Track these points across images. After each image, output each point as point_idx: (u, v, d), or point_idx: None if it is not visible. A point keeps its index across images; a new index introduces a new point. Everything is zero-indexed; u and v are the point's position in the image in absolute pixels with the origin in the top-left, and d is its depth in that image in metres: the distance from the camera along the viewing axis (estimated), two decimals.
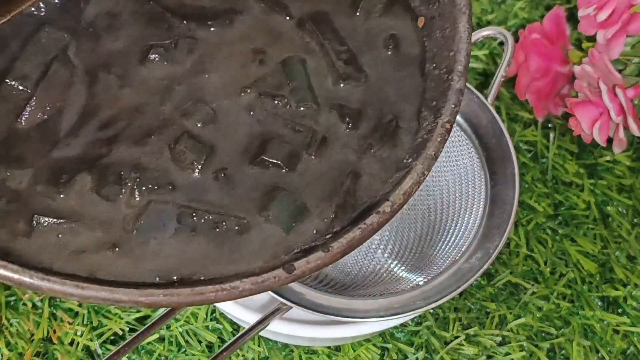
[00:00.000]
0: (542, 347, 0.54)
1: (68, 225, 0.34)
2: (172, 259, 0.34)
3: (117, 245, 0.34)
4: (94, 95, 0.37)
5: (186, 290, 0.32)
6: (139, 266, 0.34)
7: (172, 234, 0.34)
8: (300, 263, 0.33)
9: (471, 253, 0.45)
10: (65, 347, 0.53)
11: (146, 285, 0.33)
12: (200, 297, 0.32)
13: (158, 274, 0.33)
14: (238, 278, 0.33)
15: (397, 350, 0.53)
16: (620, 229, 0.59)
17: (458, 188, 0.49)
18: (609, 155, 0.61)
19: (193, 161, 0.36)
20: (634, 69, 0.54)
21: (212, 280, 0.33)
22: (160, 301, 0.32)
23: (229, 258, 0.34)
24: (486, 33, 0.51)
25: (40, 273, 0.31)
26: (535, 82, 0.58)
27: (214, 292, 0.32)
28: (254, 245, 0.34)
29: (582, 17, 0.55)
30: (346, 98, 0.38)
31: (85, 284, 0.31)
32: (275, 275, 0.33)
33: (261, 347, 0.53)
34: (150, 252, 0.34)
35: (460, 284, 0.44)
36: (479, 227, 0.46)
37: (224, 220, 0.35)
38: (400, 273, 0.50)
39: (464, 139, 0.48)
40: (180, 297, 0.32)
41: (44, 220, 0.34)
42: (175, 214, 0.35)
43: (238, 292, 0.32)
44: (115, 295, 0.31)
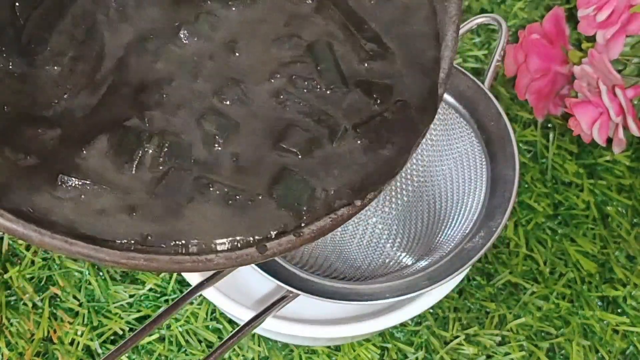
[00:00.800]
0: (542, 347, 0.54)
1: (91, 186, 0.35)
2: (182, 225, 0.35)
3: (135, 209, 0.35)
4: (126, 67, 0.38)
5: (165, 257, 0.34)
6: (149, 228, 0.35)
7: (187, 201, 0.36)
8: (273, 244, 0.35)
9: (474, 233, 0.45)
10: (65, 347, 0.53)
11: (129, 249, 0.34)
12: (178, 265, 0.34)
13: (157, 237, 0.35)
14: (215, 252, 0.35)
15: (396, 350, 0.53)
16: (619, 229, 0.59)
17: (460, 173, 0.49)
18: (609, 155, 0.61)
19: (215, 136, 0.37)
20: (634, 69, 0.54)
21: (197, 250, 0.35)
22: (141, 265, 0.34)
23: (227, 230, 0.36)
24: (480, 20, 0.51)
25: (33, 225, 0.32)
26: (535, 82, 0.58)
27: (190, 262, 0.34)
28: (255, 221, 0.36)
29: (582, 18, 0.55)
30: (374, 76, 0.39)
31: (74, 240, 0.33)
32: (247, 253, 0.35)
33: (261, 346, 0.53)
34: (164, 217, 0.35)
35: (464, 263, 0.44)
36: (481, 208, 0.46)
37: (238, 194, 0.36)
38: (408, 262, 0.50)
39: (464, 124, 0.49)
40: (160, 264, 0.34)
41: (68, 179, 0.35)
42: (193, 183, 0.36)
43: (213, 264, 0.35)
44: (100, 254, 0.33)
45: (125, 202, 0.35)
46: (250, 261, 0.35)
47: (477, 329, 0.54)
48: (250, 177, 0.37)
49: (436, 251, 0.48)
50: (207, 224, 0.36)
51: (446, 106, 0.49)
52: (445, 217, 0.50)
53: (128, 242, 0.34)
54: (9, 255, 0.56)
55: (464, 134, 0.49)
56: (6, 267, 0.55)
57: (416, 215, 0.52)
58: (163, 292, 0.55)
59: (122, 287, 0.55)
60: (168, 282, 0.55)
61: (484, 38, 0.65)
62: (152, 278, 0.55)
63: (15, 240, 0.56)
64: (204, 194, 0.36)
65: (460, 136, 0.49)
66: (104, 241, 0.34)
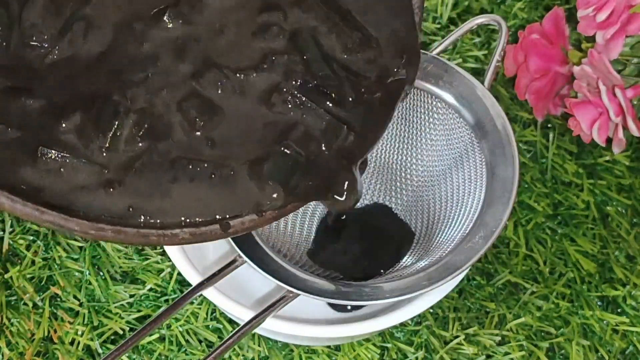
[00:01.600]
0: (542, 346, 0.54)
1: (70, 160, 0.35)
2: (160, 202, 0.36)
3: (112, 184, 0.36)
4: (113, 46, 0.39)
5: (132, 230, 0.35)
6: (121, 205, 0.36)
7: (163, 180, 0.36)
8: (236, 222, 0.37)
9: (474, 234, 0.45)
10: (65, 347, 0.53)
11: (98, 220, 0.35)
12: (144, 239, 0.35)
13: (135, 212, 0.36)
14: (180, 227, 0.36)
15: (396, 349, 0.53)
16: (619, 228, 0.59)
17: (460, 173, 0.49)
18: (608, 155, 0.61)
19: (196, 119, 0.37)
20: (633, 69, 0.54)
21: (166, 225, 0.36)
22: (108, 236, 0.35)
23: (201, 208, 0.37)
24: (480, 20, 0.51)
25: (6, 192, 0.33)
26: (535, 83, 0.58)
27: (155, 236, 0.35)
28: (231, 199, 0.37)
29: (582, 18, 0.55)
30: (359, 66, 0.40)
31: (45, 209, 0.33)
32: (211, 230, 0.36)
33: (261, 346, 0.53)
34: (141, 193, 0.36)
35: (464, 263, 0.44)
36: (481, 208, 0.46)
37: (214, 174, 0.37)
38: (407, 262, 0.50)
39: (463, 124, 0.49)
40: (126, 236, 0.35)
41: (48, 152, 0.35)
42: (170, 163, 0.36)
43: (178, 239, 0.36)
44: (69, 224, 0.34)
45: (102, 177, 0.36)
46: (213, 237, 0.37)
47: (477, 328, 0.54)
48: (230, 159, 0.37)
49: (436, 251, 0.48)
50: (181, 201, 0.36)
51: (446, 106, 0.49)
52: (445, 217, 0.50)
53: (100, 214, 0.35)
54: (10, 255, 0.56)
55: (464, 134, 0.49)
56: (6, 267, 0.55)
57: (416, 215, 0.52)
58: (163, 292, 0.55)
59: (123, 287, 0.55)
60: (168, 282, 0.55)
61: (483, 38, 0.65)
62: (153, 278, 0.55)
63: (15, 240, 0.56)
64: (180, 173, 0.36)
65: (460, 136, 0.50)
66: (75, 212, 0.35)
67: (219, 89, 0.39)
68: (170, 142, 0.37)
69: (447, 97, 0.49)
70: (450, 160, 0.50)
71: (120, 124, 0.36)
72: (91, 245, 0.56)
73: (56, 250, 0.56)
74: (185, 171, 0.37)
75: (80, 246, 0.56)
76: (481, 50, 0.64)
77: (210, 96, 0.38)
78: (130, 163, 0.36)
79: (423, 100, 0.50)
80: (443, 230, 0.49)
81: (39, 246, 0.56)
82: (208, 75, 0.39)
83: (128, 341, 0.42)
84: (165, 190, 0.36)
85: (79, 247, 0.56)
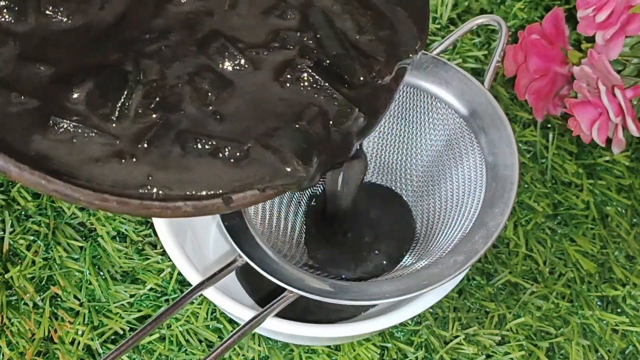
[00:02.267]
0: (541, 346, 0.54)
1: (82, 129, 0.36)
2: (170, 175, 0.36)
3: (123, 155, 0.36)
4: (126, 18, 0.39)
5: (136, 202, 0.35)
6: (133, 177, 0.36)
7: (172, 153, 0.36)
8: (238, 196, 0.37)
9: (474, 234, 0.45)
10: (66, 347, 0.53)
11: (103, 191, 0.35)
12: (147, 211, 0.35)
13: (145, 184, 0.36)
14: (183, 200, 0.36)
15: (396, 349, 0.53)
16: (619, 228, 0.59)
17: (460, 174, 0.50)
18: (608, 156, 0.61)
19: (207, 92, 0.38)
20: (633, 70, 0.54)
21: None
22: (112, 207, 0.35)
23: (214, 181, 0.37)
24: (480, 21, 0.51)
25: (13, 160, 0.33)
26: (535, 83, 0.58)
27: (158, 208, 0.36)
28: (241, 174, 0.37)
29: (581, 18, 0.55)
30: (371, 48, 0.41)
31: (51, 177, 0.34)
32: (214, 203, 0.36)
33: (261, 346, 0.53)
34: (151, 165, 0.36)
35: (464, 263, 0.44)
36: (481, 208, 0.46)
37: (226, 147, 0.37)
38: (407, 262, 0.50)
39: (463, 124, 0.49)
40: (130, 207, 0.35)
41: (60, 121, 0.35)
42: (180, 136, 0.37)
43: (180, 212, 0.36)
44: (75, 193, 0.34)
45: (113, 148, 0.36)
46: (216, 211, 0.37)
47: (476, 328, 0.54)
48: (241, 134, 0.37)
49: (436, 251, 0.48)
50: (189, 175, 0.36)
51: (446, 106, 0.49)
52: (445, 217, 0.50)
53: (108, 185, 0.35)
54: (10, 255, 0.56)
55: (464, 134, 0.49)
56: (7, 267, 0.55)
57: (416, 215, 0.52)
58: (163, 292, 0.55)
59: (123, 286, 0.55)
60: (168, 282, 0.55)
61: (483, 38, 0.65)
62: (153, 278, 0.55)
63: (16, 240, 0.56)
64: (190, 146, 0.36)
65: (460, 136, 0.50)
66: (80, 182, 0.35)
67: (231, 64, 0.39)
68: (181, 115, 0.37)
69: (447, 97, 0.49)
70: (450, 160, 0.50)
71: (129, 93, 0.37)
72: (91, 245, 0.56)
73: (56, 250, 0.56)
74: (195, 145, 0.37)
75: (81, 246, 0.56)
76: (481, 50, 0.65)
77: (222, 71, 0.39)
78: (141, 135, 0.36)
79: (423, 100, 0.50)
80: (443, 230, 0.49)
81: (39, 246, 0.56)
82: (220, 50, 0.39)
83: (128, 341, 0.42)
84: (176, 164, 0.37)
85: (79, 247, 0.56)
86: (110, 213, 0.56)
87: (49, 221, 0.57)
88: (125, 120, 0.37)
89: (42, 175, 0.34)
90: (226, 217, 0.46)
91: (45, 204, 0.58)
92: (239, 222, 0.46)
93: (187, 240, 0.50)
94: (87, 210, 0.57)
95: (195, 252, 0.52)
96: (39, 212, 0.57)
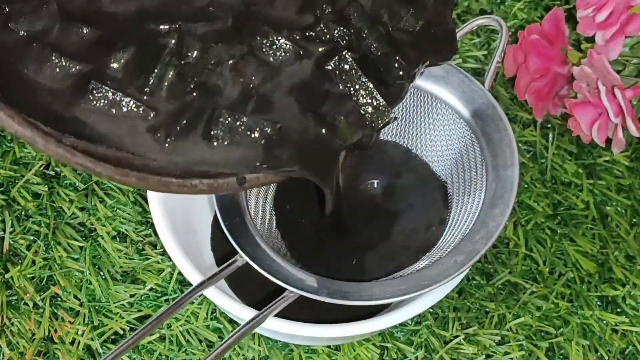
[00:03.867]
0: (541, 346, 0.54)
1: (120, 97, 0.36)
2: (200, 152, 0.37)
3: (158, 129, 0.37)
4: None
5: (155, 178, 0.36)
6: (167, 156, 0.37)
7: (202, 132, 0.37)
8: (252, 177, 0.38)
9: (474, 234, 0.45)
10: (66, 347, 0.53)
11: (124, 166, 0.36)
12: (165, 187, 0.37)
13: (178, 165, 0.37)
14: (200, 178, 0.37)
15: (396, 349, 0.53)
16: (619, 228, 0.59)
17: (460, 174, 0.50)
18: (608, 156, 0.61)
19: (252, 77, 0.39)
20: (633, 70, 0.54)
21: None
22: (132, 182, 0.36)
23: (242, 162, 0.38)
24: (480, 22, 0.51)
25: (42, 132, 0.34)
26: (535, 83, 0.58)
27: (176, 185, 0.37)
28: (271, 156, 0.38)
29: (581, 18, 0.55)
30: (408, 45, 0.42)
31: (77, 151, 0.34)
32: (228, 182, 0.38)
33: (261, 346, 0.53)
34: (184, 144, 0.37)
35: (464, 263, 0.44)
36: (481, 208, 0.46)
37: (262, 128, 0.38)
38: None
39: (463, 124, 0.49)
40: (149, 183, 0.36)
41: (99, 86, 0.36)
42: (214, 116, 0.37)
43: (196, 190, 0.37)
44: (98, 167, 0.35)
45: (147, 122, 0.37)
46: (229, 189, 0.38)
47: (476, 328, 0.54)
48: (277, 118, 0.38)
49: (436, 251, 0.48)
50: (219, 155, 0.37)
51: (446, 106, 0.49)
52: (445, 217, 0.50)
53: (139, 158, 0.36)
54: (10, 255, 0.56)
55: (464, 134, 0.49)
56: (7, 267, 0.55)
57: None
58: (164, 292, 0.55)
59: (123, 286, 0.55)
60: (168, 282, 0.55)
61: (483, 38, 0.65)
62: (153, 278, 0.55)
63: (16, 240, 0.56)
64: (223, 127, 0.37)
65: (460, 136, 0.50)
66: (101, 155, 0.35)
67: (273, 52, 0.39)
68: (218, 97, 0.38)
69: (447, 98, 0.49)
70: (450, 160, 0.50)
71: (164, 69, 0.37)
72: (92, 245, 0.56)
73: (57, 250, 0.56)
74: (229, 126, 0.37)
75: (81, 246, 0.56)
76: (481, 50, 0.65)
77: (264, 57, 0.39)
78: (175, 111, 0.37)
79: (423, 101, 0.50)
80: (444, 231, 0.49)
81: (39, 246, 0.56)
82: (264, 38, 0.39)
83: (128, 341, 0.42)
84: (207, 143, 0.37)
85: (79, 247, 0.56)
86: (131, 187, 0.56)
87: (49, 221, 0.57)
88: (160, 95, 0.37)
89: (68, 148, 0.34)
90: (226, 217, 0.46)
91: (46, 204, 0.58)
92: (239, 222, 0.46)
93: (187, 240, 0.50)
94: (87, 210, 0.57)
95: (195, 252, 0.52)
96: (39, 212, 0.57)
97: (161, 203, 0.49)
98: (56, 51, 0.36)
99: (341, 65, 0.40)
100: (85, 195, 0.58)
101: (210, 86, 0.38)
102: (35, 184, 0.58)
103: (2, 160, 0.59)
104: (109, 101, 0.36)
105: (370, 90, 0.40)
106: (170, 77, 0.37)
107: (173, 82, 0.37)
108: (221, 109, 0.37)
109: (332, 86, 0.40)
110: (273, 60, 0.39)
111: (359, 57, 0.40)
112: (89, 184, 0.58)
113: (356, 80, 0.40)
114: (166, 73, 0.37)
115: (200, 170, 0.37)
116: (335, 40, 0.40)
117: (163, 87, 0.37)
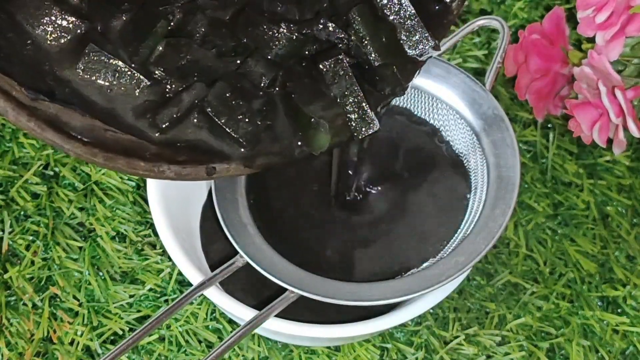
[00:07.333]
0: (542, 347, 0.54)
1: (121, 69, 0.36)
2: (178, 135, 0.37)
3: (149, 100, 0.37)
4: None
5: (123, 160, 0.36)
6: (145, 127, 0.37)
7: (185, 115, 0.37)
8: (222, 167, 0.38)
9: (475, 234, 0.45)
10: (65, 347, 0.53)
11: (94, 145, 0.36)
12: (133, 170, 0.36)
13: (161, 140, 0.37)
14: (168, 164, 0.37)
15: (396, 350, 0.53)
16: (619, 229, 0.59)
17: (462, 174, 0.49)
18: (609, 156, 0.61)
19: (262, 75, 0.39)
20: (633, 70, 0.54)
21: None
22: (99, 162, 0.36)
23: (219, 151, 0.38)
24: (481, 22, 0.51)
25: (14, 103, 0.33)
26: (535, 83, 0.58)
27: (143, 170, 0.36)
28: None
29: (581, 19, 0.55)
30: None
31: (47, 127, 0.34)
32: (196, 171, 0.37)
33: (261, 347, 0.53)
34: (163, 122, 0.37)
35: (465, 264, 0.44)
36: (482, 209, 0.46)
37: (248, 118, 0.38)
38: None
39: (464, 124, 0.49)
40: (117, 164, 0.36)
41: (95, 49, 0.36)
42: (205, 102, 0.37)
43: (163, 175, 0.37)
44: (67, 145, 0.35)
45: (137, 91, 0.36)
46: (196, 178, 0.38)
47: (477, 329, 0.54)
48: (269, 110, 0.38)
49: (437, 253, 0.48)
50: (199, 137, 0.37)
51: (447, 107, 0.49)
52: None
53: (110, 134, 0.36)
54: (9, 255, 0.56)
55: (465, 134, 0.49)
56: (6, 267, 0.55)
57: None
58: (163, 292, 0.55)
59: (122, 287, 0.55)
60: (168, 282, 0.55)
61: (483, 38, 0.65)
62: (152, 278, 0.55)
63: (15, 241, 0.56)
64: (203, 114, 0.37)
65: (460, 137, 0.50)
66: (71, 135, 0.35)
67: (274, 44, 0.39)
68: (207, 82, 0.38)
69: (448, 98, 0.49)
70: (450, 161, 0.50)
71: (156, 38, 0.37)
72: (91, 245, 0.56)
73: (55, 251, 0.56)
74: (214, 114, 0.37)
75: (80, 246, 0.56)
76: (481, 50, 0.64)
77: (273, 57, 0.39)
78: (163, 90, 0.37)
79: (423, 101, 0.50)
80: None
81: (38, 246, 0.56)
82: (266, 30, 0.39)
83: (127, 341, 0.42)
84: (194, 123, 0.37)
85: (78, 247, 0.56)
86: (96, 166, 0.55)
87: (48, 221, 0.57)
88: (146, 66, 0.37)
89: (39, 123, 0.34)
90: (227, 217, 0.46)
91: (45, 204, 0.57)
92: (239, 222, 0.46)
93: (187, 241, 0.50)
94: (86, 210, 0.57)
95: (195, 252, 0.52)
96: (38, 212, 0.57)
97: (161, 203, 0.49)
98: (57, 5, 0.36)
99: (336, 68, 0.39)
100: (84, 195, 0.58)
101: (201, 70, 0.38)
102: (34, 184, 0.58)
103: (1, 160, 0.59)
104: (103, 65, 0.36)
105: (360, 99, 0.39)
106: (158, 51, 0.37)
107: (162, 58, 0.37)
108: (209, 99, 0.37)
109: (326, 87, 0.39)
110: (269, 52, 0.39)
111: (354, 63, 0.40)
112: (88, 184, 0.58)
113: (349, 86, 0.39)
114: (152, 41, 0.37)
115: (179, 145, 0.37)
116: (334, 41, 0.40)
117: (148, 59, 0.37)
